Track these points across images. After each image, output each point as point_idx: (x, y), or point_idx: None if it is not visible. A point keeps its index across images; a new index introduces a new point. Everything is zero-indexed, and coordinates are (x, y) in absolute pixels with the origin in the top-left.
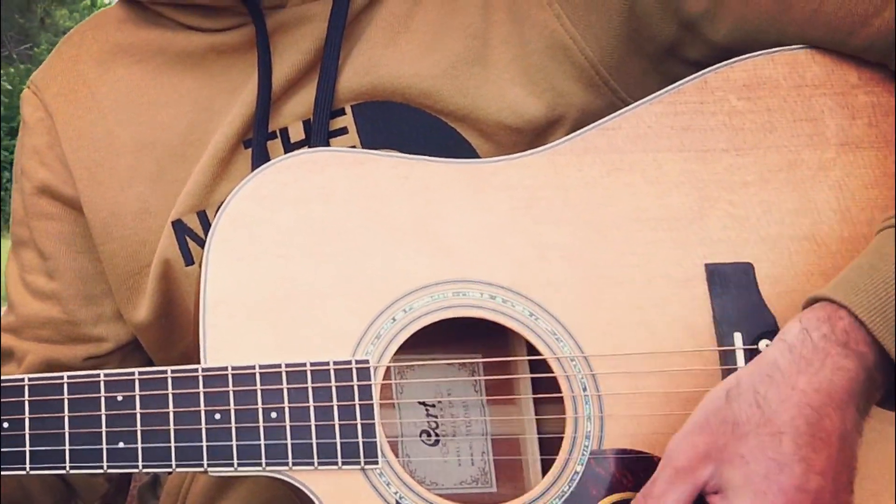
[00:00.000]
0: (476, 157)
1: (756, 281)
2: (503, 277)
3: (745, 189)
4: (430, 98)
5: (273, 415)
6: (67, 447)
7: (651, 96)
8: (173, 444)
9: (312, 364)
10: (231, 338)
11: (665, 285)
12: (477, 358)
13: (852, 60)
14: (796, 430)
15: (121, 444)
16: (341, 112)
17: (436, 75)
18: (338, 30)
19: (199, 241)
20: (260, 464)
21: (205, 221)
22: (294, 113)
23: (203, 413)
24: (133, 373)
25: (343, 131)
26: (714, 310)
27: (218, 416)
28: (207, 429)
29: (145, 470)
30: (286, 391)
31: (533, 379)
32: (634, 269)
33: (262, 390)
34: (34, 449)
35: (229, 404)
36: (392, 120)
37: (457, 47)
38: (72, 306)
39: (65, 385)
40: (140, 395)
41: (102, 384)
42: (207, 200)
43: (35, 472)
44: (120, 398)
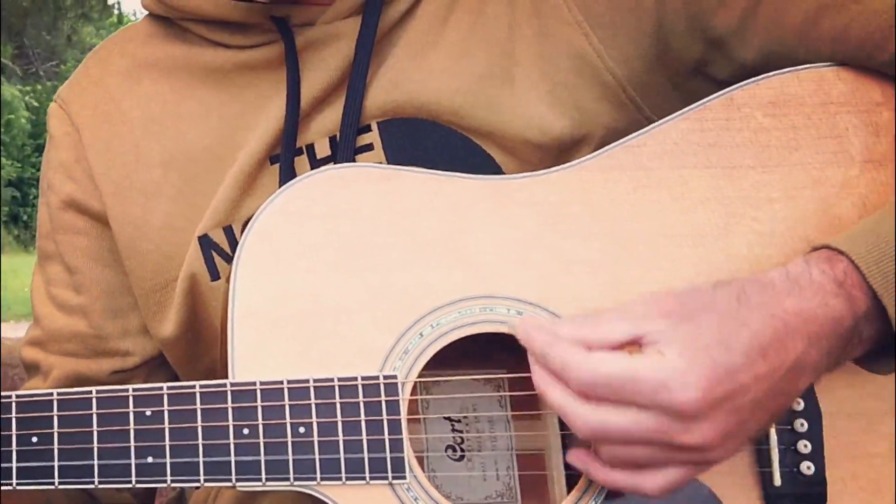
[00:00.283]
0: (501, 174)
1: None
2: (530, 293)
3: (770, 206)
4: (456, 115)
5: (301, 430)
6: (96, 462)
7: (677, 113)
8: (202, 459)
9: (340, 379)
10: (259, 353)
11: None
12: (502, 373)
13: (877, 78)
14: (758, 332)
15: (149, 459)
16: (367, 128)
17: (462, 92)
18: (366, 48)
19: (225, 256)
20: (288, 478)
21: (231, 237)
22: (321, 129)
23: (231, 428)
24: (162, 387)
25: (369, 147)
26: None
27: (246, 431)
28: (236, 443)
29: (174, 485)
30: (314, 406)
31: None
32: (660, 285)
33: (291, 405)
34: (63, 464)
35: (257, 419)
36: (417, 136)
37: (483, 64)
38: (98, 320)
39: (93, 400)
40: (169, 410)
41: (131, 399)
42: (234, 216)
43: (63, 487)
44: (148, 413)
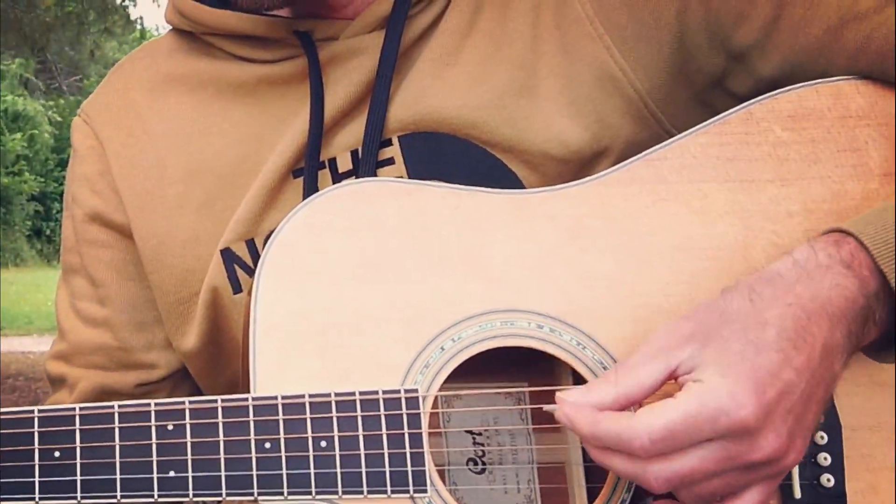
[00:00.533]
0: (522, 188)
1: None
2: (550, 307)
3: (790, 219)
4: (477, 129)
5: (323, 443)
6: (118, 476)
7: (696, 127)
8: (223, 473)
9: (362, 393)
10: (281, 366)
11: None
12: (523, 387)
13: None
14: (782, 325)
15: (171, 473)
16: (388, 143)
17: (483, 106)
18: (389, 62)
19: (248, 270)
20: (310, 492)
21: (253, 250)
22: (343, 143)
23: (253, 442)
24: (183, 402)
25: (390, 162)
26: None
27: (268, 445)
28: (258, 457)
29: (196, 499)
30: (336, 420)
31: None
32: (680, 299)
33: (312, 419)
34: (85, 478)
35: (279, 433)
36: (438, 151)
37: (505, 78)
38: (123, 333)
39: (115, 414)
40: (191, 424)
41: (153, 413)
42: (256, 229)
43: (86, 501)
44: (170, 427)
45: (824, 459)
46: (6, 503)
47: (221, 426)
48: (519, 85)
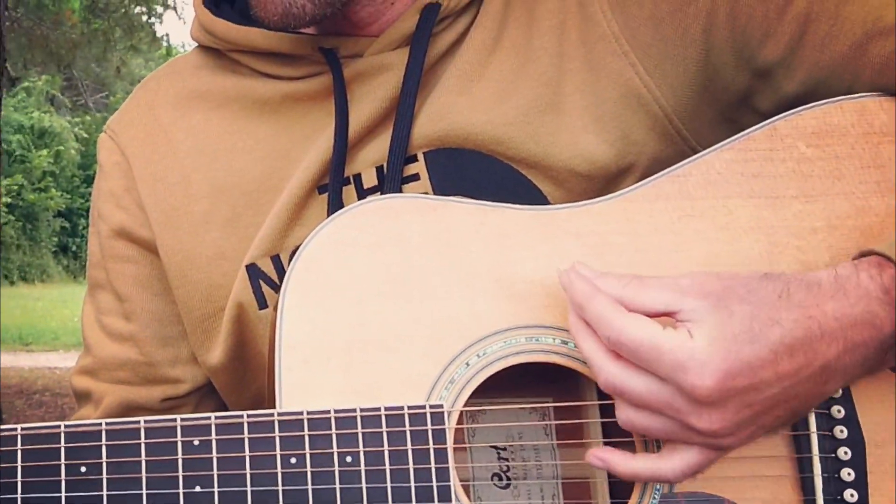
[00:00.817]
0: (547, 204)
1: None
2: None
3: (814, 235)
4: (502, 145)
5: (348, 459)
6: (144, 491)
7: (721, 143)
8: (249, 488)
9: (387, 409)
10: (306, 382)
11: None
12: (548, 402)
13: None
14: (790, 331)
15: (197, 489)
16: (413, 159)
17: (508, 123)
18: (414, 79)
19: (273, 286)
20: None
21: (278, 266)
22: (368, 160)
23: (279, 457)
24: (210, 417)
25: (415, 177)
26: None
27: (294, 461)
28: (283, 473)
29: None
30: (361, 435)
31: (602, 423)
32: None
33: (338, 434)
34: (111, 493)
35: (305, 448)
36: (464, 167)
37: (530, 95)
38: (149, 348)
39: (142, 430)
40: (216, 440)
41: (179, 429)
42: (281, 245)
43: None
44: (196, 442)
45: (848, 475)
46: None
47: (247, 441)
48: (544, 101)
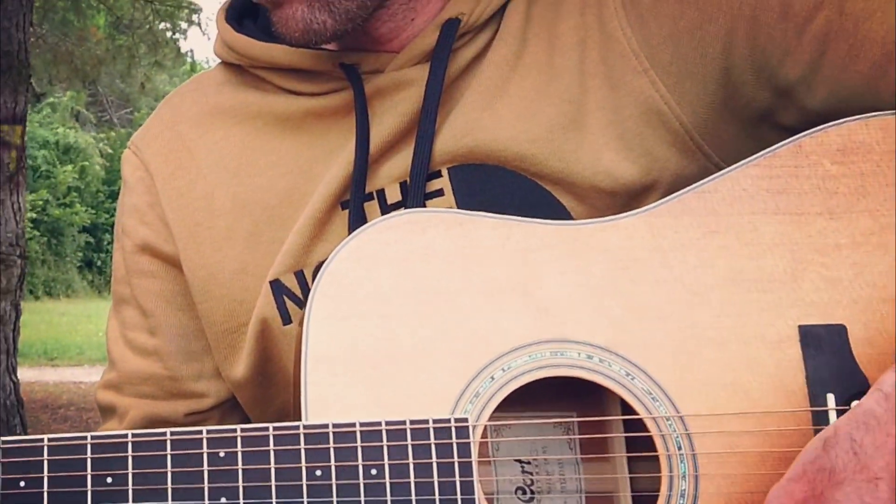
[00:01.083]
0: (571, 220)
1: (849, 343)
2: (600, 338)
3: (838, 252)
4: (526, 161)
5: (373, 471)
6: (170, 502)
7: (747, 160)
8: (274, 500)
9: (412, 422)
10: (331, 395)
11: (759, 346)
12: (572, 416)
13: None
14: (892, 476)
15: (223, 500)
16: (437, 174)
17: (532, 139)
18: (435, 94)
19: (297, 301)
20: None
21: (302, 281)
22: (391, 175)
23: (304, 469)
24: (235, 429)
25: (439, 193)
26: (807, 371)
27: (319, 473)
28: (308, 485)
29: None
30: (386, 448)
31: (626, 437)
32: (729, 331)
33: (363, 447)
34: None
35: (330, 461)
36: (488, 182)
37: (553, 112)
38: (173, 363)
39: (168, 441)
40: (242, 452)
41: (205, 440)
42: (305, 260)
43: None
44: (222, 454)
45: None
46: None
47: (273, 453)
48: (568, 119)
